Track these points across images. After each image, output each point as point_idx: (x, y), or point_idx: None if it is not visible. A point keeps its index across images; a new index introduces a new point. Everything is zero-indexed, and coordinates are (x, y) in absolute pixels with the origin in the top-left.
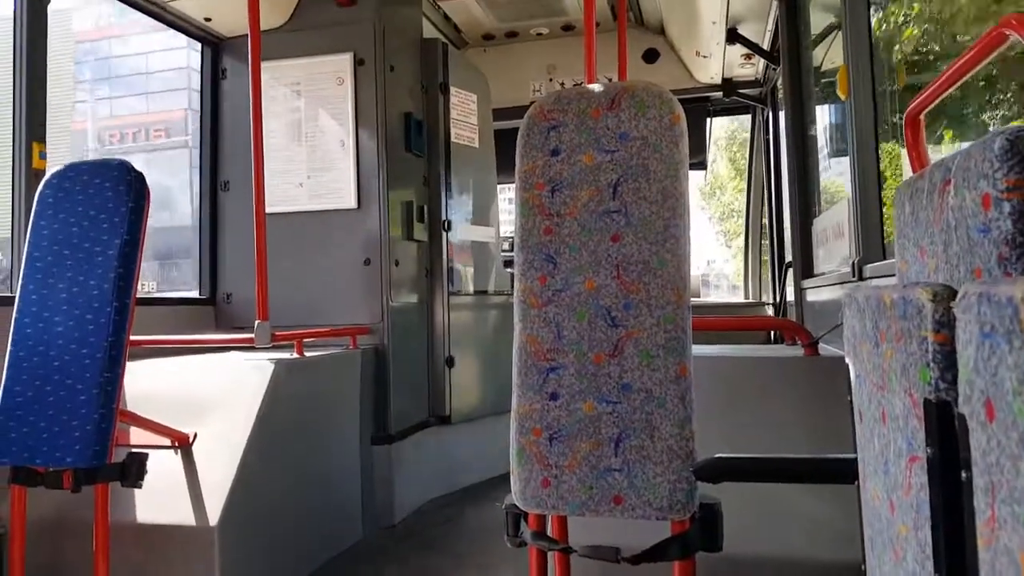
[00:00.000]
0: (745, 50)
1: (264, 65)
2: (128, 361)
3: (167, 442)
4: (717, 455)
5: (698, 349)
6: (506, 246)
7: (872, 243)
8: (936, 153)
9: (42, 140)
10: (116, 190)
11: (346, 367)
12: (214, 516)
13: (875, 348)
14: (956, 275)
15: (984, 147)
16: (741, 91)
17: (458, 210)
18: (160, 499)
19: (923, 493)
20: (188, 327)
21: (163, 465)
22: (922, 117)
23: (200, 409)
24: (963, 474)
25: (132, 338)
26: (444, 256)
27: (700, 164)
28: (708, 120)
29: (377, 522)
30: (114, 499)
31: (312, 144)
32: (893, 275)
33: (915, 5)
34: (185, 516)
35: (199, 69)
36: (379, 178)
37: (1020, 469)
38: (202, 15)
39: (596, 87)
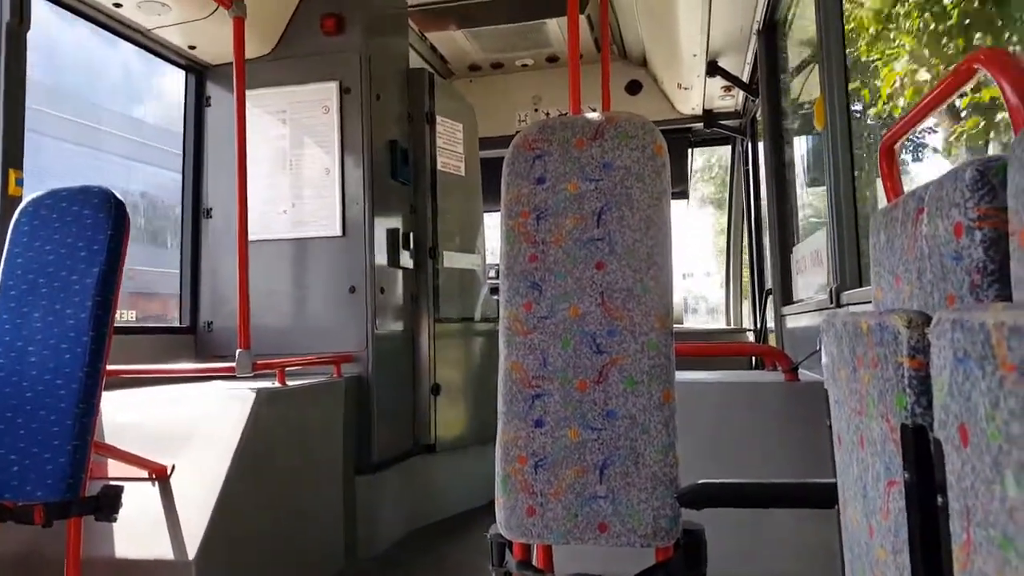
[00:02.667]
0: (725, 82)
1: (249, 93)
2: (105, 391)
3: (144, 474)
4: (700, 481)
5: (681, 375)
6: (492, 273)
7: (849, 271)
8: None
9: (19, 167)
10: (96, 217)
11: (329, 396)
12: (192, 549)
13: (853, 374)
14: (930, 302)
15: (955, 177)
16: (721, 122)
17: (444, 237)
18: (136, 533)
19: (901, 517)
20: (167, 356)
21: (140, 498)
22: (896, 147)
23: (179, 440)
24: (939, 498)
25: (109, 368)
26: (430, 283)
27: (682, 193)
28: (690, 151)
29: (360, 553)
30: (88, 533)
31: (297, 172)
32: (869, 302)
33: None
34: (162, 550)
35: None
36: (364, 206)
37: (994, 493)
38: (186, 43)
39: (580, 117)
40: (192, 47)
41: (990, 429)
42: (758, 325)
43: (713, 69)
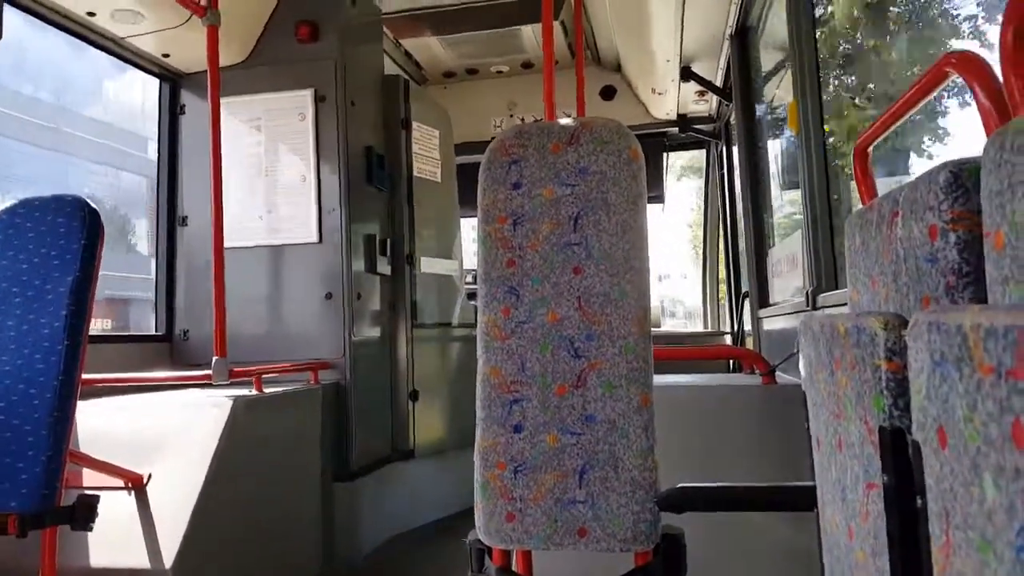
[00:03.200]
0: (699, 87)
1: (224, 101)
2: (80, 400)
3: (120, 483)
4: (680, 485)
5: (659, 379)
6: (470, 279)
7: (825, 273)
8: None
9: None
10: (69, 226)
11: (307, 403)
12: (169, 558)
13: (830, 376)
14: (906, 304)
15: (930, 179)
16: (696, 127)
17: (421, 243)
18: (112, 542)
19: (880, 520)
20: (143, 365)
21: (116, 507)
22: (870, 150)
23: (155, 448)
24: (918, 500)
25: (84, 377)
26: (407, 289)
27: (658, 198)
28: (665, 155)
29: (339, 560)
30: (64, 543)
31: (272, 179)
32: (845, 304)
33: None
34: (138, 559)
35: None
36: (341, 212)
37: (973, 495)
38: (160, 51)
39: (556, 123)
40: (166, 55)
41: (968, 431)
42: (735, 328)
43: (687, 74)
